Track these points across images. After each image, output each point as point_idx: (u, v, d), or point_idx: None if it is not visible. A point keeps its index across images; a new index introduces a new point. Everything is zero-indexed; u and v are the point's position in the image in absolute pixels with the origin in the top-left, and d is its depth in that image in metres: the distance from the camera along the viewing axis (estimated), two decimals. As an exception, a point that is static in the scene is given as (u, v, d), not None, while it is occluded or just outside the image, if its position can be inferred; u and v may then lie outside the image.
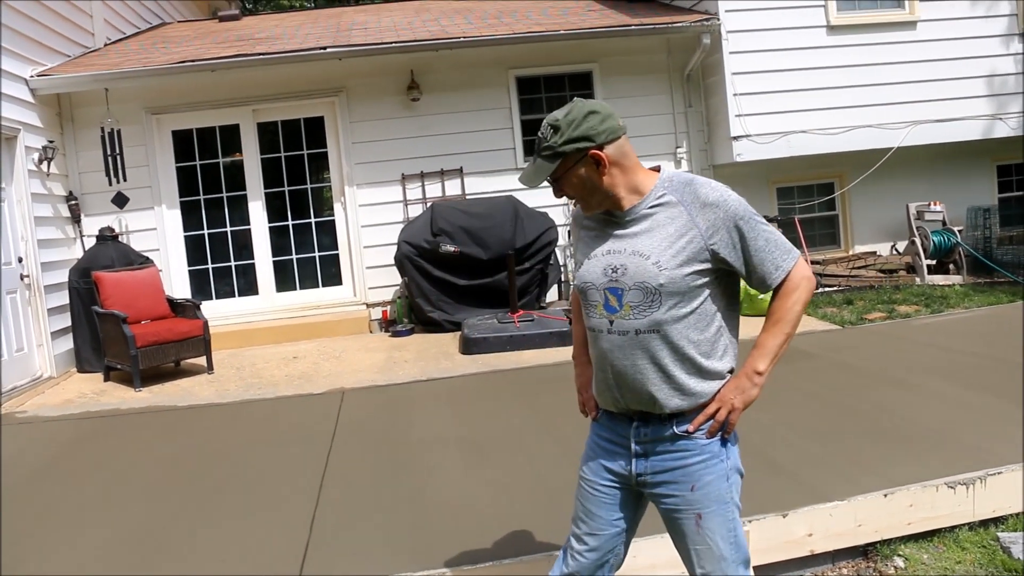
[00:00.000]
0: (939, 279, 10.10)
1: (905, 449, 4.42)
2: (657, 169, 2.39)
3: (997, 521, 3.92)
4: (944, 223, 10.38)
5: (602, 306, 2.35)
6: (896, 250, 11.02)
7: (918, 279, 10.16)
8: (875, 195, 10.87)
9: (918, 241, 10.29)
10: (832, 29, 10.22)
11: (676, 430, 2.34)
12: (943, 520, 3.86)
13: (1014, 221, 11.30)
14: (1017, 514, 3.93)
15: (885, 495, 3.81)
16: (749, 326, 2.59)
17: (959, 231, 10.35)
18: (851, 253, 10.99)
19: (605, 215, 2.39)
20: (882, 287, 9.84)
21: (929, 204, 10.49)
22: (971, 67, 10.52)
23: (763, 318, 2.36)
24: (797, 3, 10.14)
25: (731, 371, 2.37)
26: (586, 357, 2.63)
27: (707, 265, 2.27)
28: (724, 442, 2.37)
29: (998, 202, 11.36)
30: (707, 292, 2.30)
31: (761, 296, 5.81)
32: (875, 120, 10.26)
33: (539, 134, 2.32)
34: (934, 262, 10.39)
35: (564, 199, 10.07)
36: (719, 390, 2.34)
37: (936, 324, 7.90)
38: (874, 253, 10.95)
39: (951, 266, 10.41)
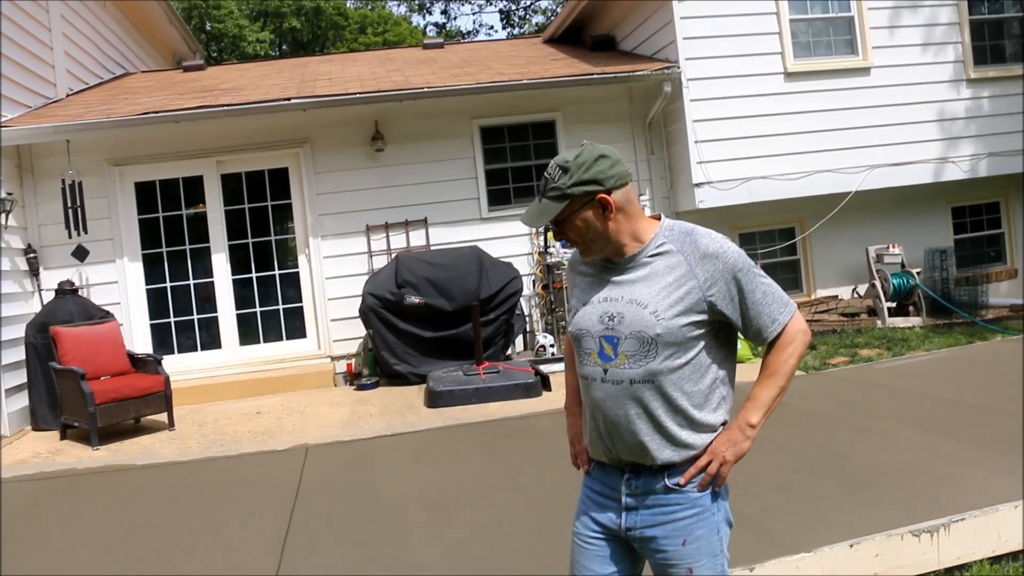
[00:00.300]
0: (900, 321, 10.22)
1: (869, 497, 4.45)
2: (657, 217, 2.39)
3: (962, 568, 3.94)
4: (903, 265, 10.53)
5: (596, 354, 2.32)
6: (857, 293, 11.15)
7: (879, 322, 10.27)
8: (835, 239, 11.01)
9: (878, 284, 10.42)
10: (789, 76, 10.41)
11: (668, 483, 2.32)
12: (908, 568, 3.87)
13: (970, 262, 11.49)
14: (981, 560, 3.95)
15: (851, 545, 3.82)
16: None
17: (918, 273, 10.51)
18: (813, 297, 11.10)
19: (604, 261, 2.38)
20: (844, 331, 9.94)
21: (888, 247, 10.65)
22: (923, 111, 10.77)
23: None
24: (755, 51, 10.32)
25: (724, 423, 2.37)
26: (579, 408, 2.59)
27: (704, 316, 2.27)
28: (715, 495, 2.36)
29: (954, 243, 11.56)
30: (703, 343, 2.30)
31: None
32: (833, 165, 10.43)
33: (546, 174, 2.30)
34: (894, 304, 10.52)
35: (527, 249, 10.19)
36: (711, 442, 2.33)
37: (898, 367, 7.98)
38: (836, 297, 11.07)
39: (911, 308, 10.54)
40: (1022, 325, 9.41)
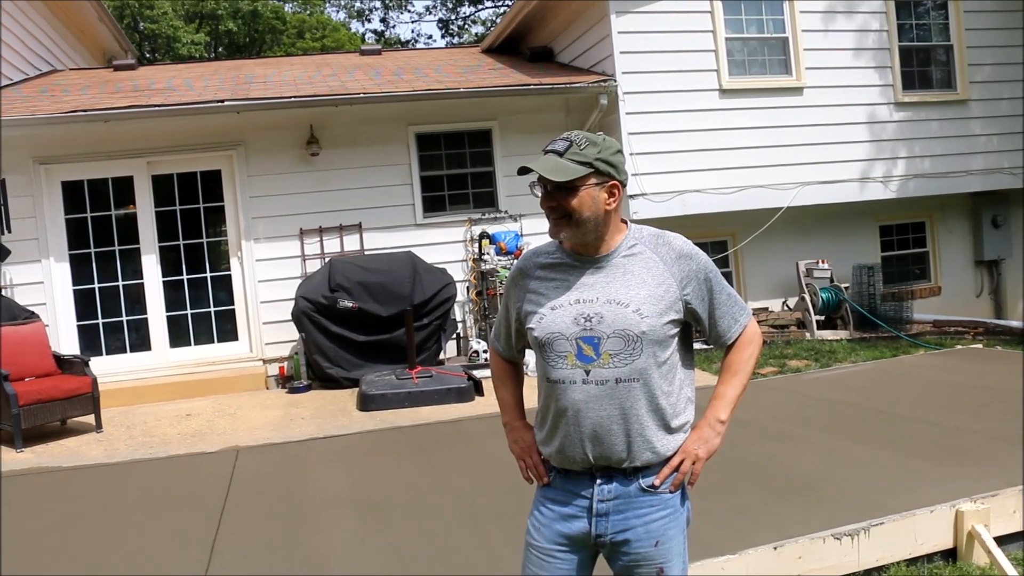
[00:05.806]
0: (828, 334, 10.43)
1: (794, 502, 4.52)
2: (624, 223, 2.42)
3: (880, 570, 4.03)
4: (832, 280, 10.77)
5: (574, 356, 2.29)
6: (787, 306, 11.35)
7: (808, 334, 10.47)
8: (766, 253, 11.20)
9: (807, 298, 10.63)
10: (724, 93, 10.58)
11: (642, 484, 2.32)
12: (830, 570, 3.94)
13: (896, 278, 11.80)
14: (898, 562, 4.05)
15: (775, 548, 3.87)
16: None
17: (846, 288, 10.74)
18: (744, 309, 11.24)
19: (570, 263, 2.38)
20: (774, 342, 10.11)
21: (817, 262, 10.88)
22: (854, 132, 11.03)
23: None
24: (691, 67, 10.46)
25: (689, 424, 2.40)
26: (521, 422, 2.59)
27: (679, 316, 2.32)
28: (683, 496, 2.39)
29: (881, 260, 11.84)
30: (675, 343, 2.33)
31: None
32: (766, 181, 10.62)
33: (569, 138, 2.29)
34: (823, 318, 10.74)
35: (462, 255, 10.17)
36: (682, 443, 2.36)
37: (825, 378, 8.15)
38: (766, 309, 11.26)
39: (839, 321, 10.78)
40: (943, 340, 9.67)
